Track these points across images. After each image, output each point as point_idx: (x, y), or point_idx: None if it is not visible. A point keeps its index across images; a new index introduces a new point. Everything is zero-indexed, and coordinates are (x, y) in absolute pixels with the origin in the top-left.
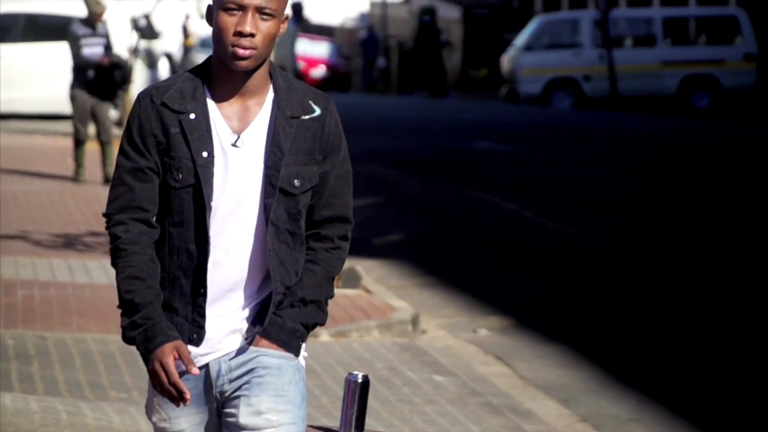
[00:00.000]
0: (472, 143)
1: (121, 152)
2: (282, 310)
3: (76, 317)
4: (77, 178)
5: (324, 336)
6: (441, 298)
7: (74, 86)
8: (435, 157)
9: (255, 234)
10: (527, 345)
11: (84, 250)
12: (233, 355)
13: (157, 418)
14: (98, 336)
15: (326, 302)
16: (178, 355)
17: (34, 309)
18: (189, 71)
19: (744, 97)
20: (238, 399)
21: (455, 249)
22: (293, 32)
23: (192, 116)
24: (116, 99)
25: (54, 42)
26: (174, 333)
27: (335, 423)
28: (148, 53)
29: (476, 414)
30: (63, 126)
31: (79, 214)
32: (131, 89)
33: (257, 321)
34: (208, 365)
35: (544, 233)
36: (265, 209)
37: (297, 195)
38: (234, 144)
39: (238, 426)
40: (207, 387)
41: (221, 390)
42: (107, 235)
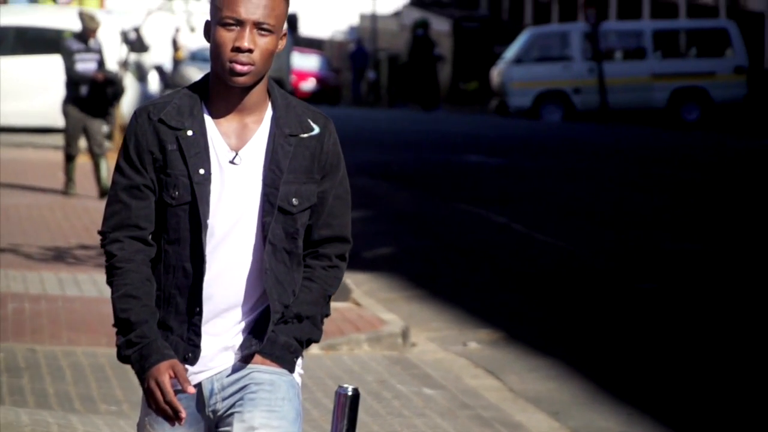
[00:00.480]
0: (462, 156)
1: (117, 169)
2: (277, 326)
3: (66, 330)
4: (67, 192)
5: (314, 349)
6: (431, 311)
7: (67, 102)
8: (425, 170)
9: (252, 253)
10: (517, 358)
11: (74, 264)
12: (227, 373)
13: None
14: (88, 349)
15: (322, 320)
16: (174, 374)
17: (25, 322)
18: (187, 88)
19: (734, 110)
20: (231, 416)
21: (445, 262)
22: (289, 44)
23: (190, 133)
24: (108, 116)
25: (44, 55)
26: (169, 351)
27: None
28: (138, 66)
29: (466, 427)
30: (53, 139)
31: (69, 228)
32: (122, 102)
33: (251, 338)
34: (201, 384)
35: (534, 246)
36: (263, 228)
37: (295, 214)
38: (232, 161)
39: None
40: (200, 406)
41: (214, 409)
42: (98, 249)
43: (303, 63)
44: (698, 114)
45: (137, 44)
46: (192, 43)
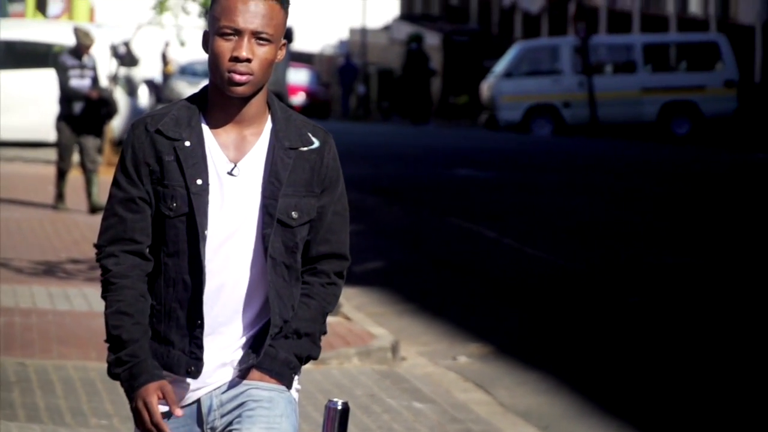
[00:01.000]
0: (452, 170)
1: (114, 182)
2: (275, 341)
3: (57, 344)
4: (58, 206)
5: None
6: (421, 326)
7: (60, 118)
8: (415, 185)
9: (251, 267)
10: (507, 372)
11: (64, 278)
12: (225, 389)
13: None
14: (79, 363)
15: (320, 337)
16: (162, 395)
17: (15, 336)
18: (186, 99)
19: (724, 124)
20: None
21: (435, 276)
22: (286, 58)
23: (187, 144)
24: (102, 133)
25: (34, 69)
26: (159, 372)
27: None
28: (128, 81)
29: None
30: (44, 153)
31: (60, 242)
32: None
33: (249, 354)
34: (200, 400)
35: (524, 260)
36: (263, 239)
37: (294, 227)
38: (230, 172)
39: None
40: (199, 422)
41: (212, 426)
42: (88, 263)
43: (293, 77)
44: (688, 128)
45: (127, 58)
46: (182, 58)
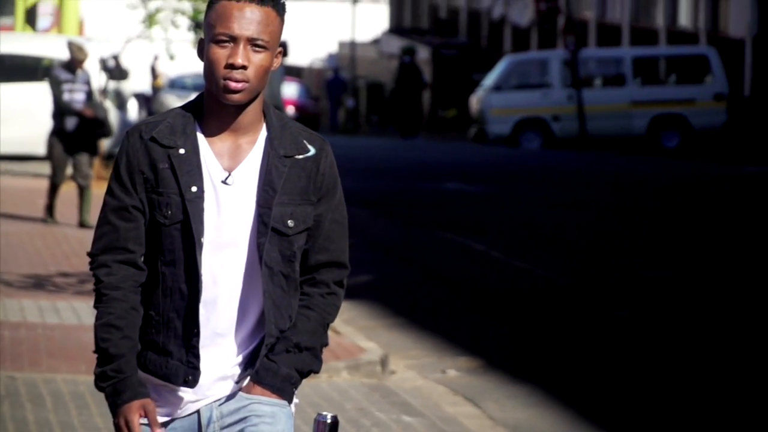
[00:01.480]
0: (441, 184)
1: (108, 190)
2: (277, 356)
3: (46, 358)
4: (47, 220)
5: None
6: (410, 339)
7: (53, 133)
8: (404, 198)
9: (247, 276)
10: (496, 385)
11: (54, 291)
12: (224, 401)
13: None
14: (68, 377)
15: (321, 350)
16: (144, 414)
17: (4, 349)
18: (181, 107)
19: (714, 137)
20: None
21: (424, 290)
22: (281, 71)
23: (181, 151)
24: (96, 150)
25: (23, 83)
26: (144, 389)
27: None
28: (117, 94)
29: None
30: (33, 167)
31: (49, 255)
32: None
33: (249, 367)
34: (199, 411)
35: (513, 273)
36: (258, 249)
37: (291, 236)
38: (224, 181)
39: None
40: None
41: None
42: (77, 276)
43: (282, 90)
44: (678, 141)
45: (116, 72)
46: (171, 71)
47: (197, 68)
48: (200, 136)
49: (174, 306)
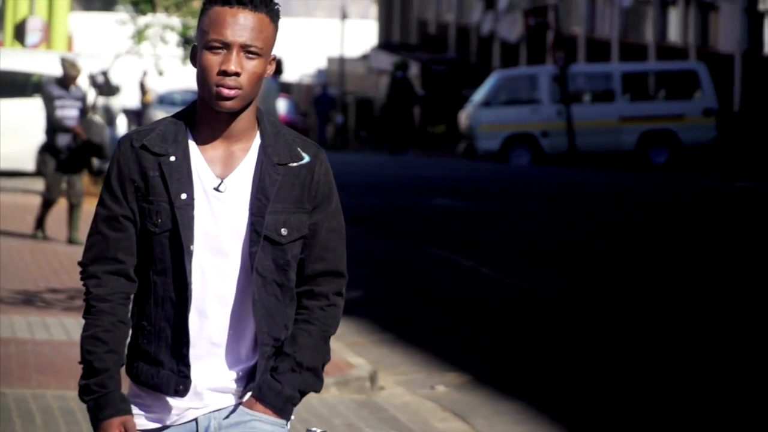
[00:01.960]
0: (430, 200)
1: (99, 200)
2: (281, 375)
3: (36, 374)
4: (36, 235)
5: None
6: (399, 355)
7: (45, 149)
8: (393, 214)
9: (240, 284)
10: (485, 401)
11: (43, 307)
12: (225, 414)
13: None
14: (58, 392)
15: (323, 368)
16: (125, 431)
17: None
18: (173, 115)
19: (703, 153)
20: None
21: (413, 306)
22: (275, 89)
23: (172, 159)
24: (92, 169)
25: (13, 99)
26: (125, 406)
27: None
28: (106, 110)
29: None
30: (22, 183)
31: (39, 272)
32: None
33: (251, 380)
34: (197, 420)
35: (502, 289)
36: (250, 257)
37: (284, 245)
38: (216, 188)
39: None
40: None
41: None
42: (67, 292)
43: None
44: (667, 157)
45: (105, 88)
46: (160, 87)
47: (186, 84)
48: (192, 144)
49: (165, 315)
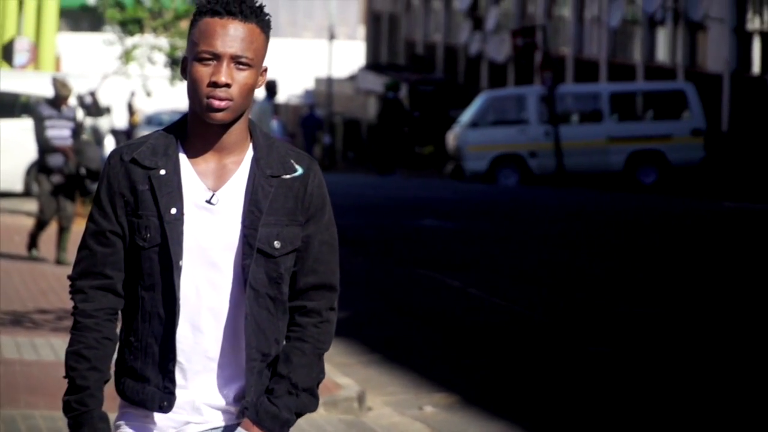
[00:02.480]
0: (418, 221)
1: (89, 215)
2: (278, 399)
3: (25, 394)
4: (31, 254)
5: None
6: (386, 376)
7: (39, 169)
8: (381, 235)
9: (233, 298)
10: (473, 422)
11: (32, 328)
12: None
13: None
14: (46, 413)
15: (317, 386)
16: None
17: None
18: (164, 128)
19: (691, 173)
20: None
21: (401, 326)
22: (270, 110)
23: (162, 172)
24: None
25: (0, 119)
26: (103, 425)
27: None
28: (94, 130)
29: None
30: (8, 203)
31: (27, 292)
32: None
33: (249, 400)
34: None
35: (489, 310)
36: (243, 271)
37: (277, 257)
38: (209, 201)
39: None
40: None
41: None
42: (55, 313)
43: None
44: (655, 177)
45: (93, 108)
46: (148, 108)
47: (174, 105)
48: (183, 157)
49: (152, 331)
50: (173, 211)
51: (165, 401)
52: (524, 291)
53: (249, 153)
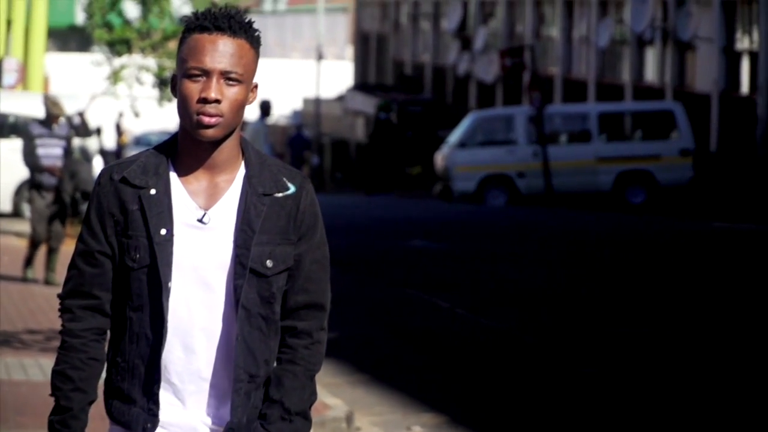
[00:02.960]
0: (407, 241)
1: (79, 235)
2: (272, 425)
3: (13, 414)
4: (28, 275)
5: None
6: (375, 396)
7: (31, 187)
8: (369, 255)
9: (225, 318)
10: None
11: (20, 348)
12: None
13: None
14: None
15: (310, 408)
16: None
17: None
18: (155, 147)
19: (680, 193)
20: None
21: (389, 346)
22: (264, 131)
23: (152, 192)
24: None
25: None
26: None
27: None
28: (83, 151)
29: None
30: None
31: (16, 312)
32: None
33: (247, 423)
34: None
35: (478, 330)
36: (235, 291)
37: (270, 277)
38: (200, 220)
39: None
40: None
41: None
42: (44, 333)
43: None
44: (644, 197)
45: (82, 129)
46: (136, 128)
47: (162, 125)
48: (173, 176)
49: (139, 352)
50: (163, 232)
51: (149, 423)
52: (513, 311)
53: (241, 171)
